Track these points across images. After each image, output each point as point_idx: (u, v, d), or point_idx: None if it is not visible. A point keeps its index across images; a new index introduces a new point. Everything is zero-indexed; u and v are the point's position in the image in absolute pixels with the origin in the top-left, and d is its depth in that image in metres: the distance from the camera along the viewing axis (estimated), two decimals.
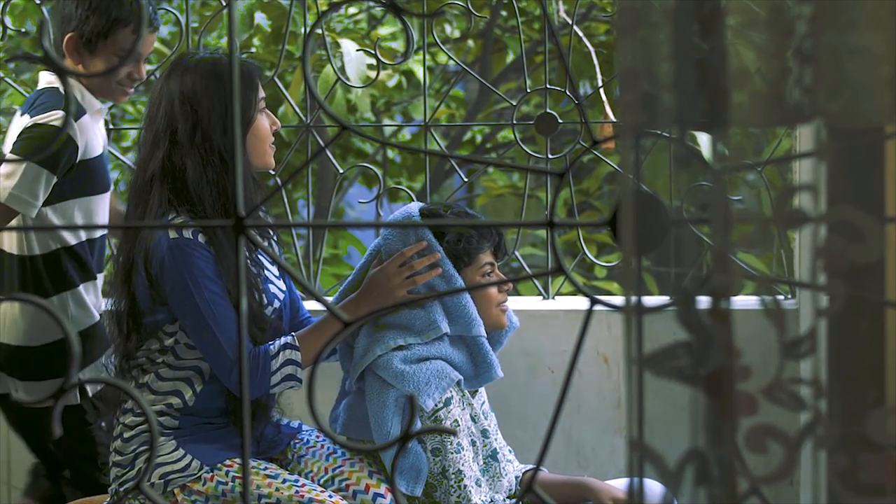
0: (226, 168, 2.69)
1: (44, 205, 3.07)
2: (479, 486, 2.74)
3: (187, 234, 2.65)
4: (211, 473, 2.69)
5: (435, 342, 2.77)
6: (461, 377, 2.76)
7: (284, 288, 2.88)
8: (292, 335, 2.72)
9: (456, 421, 2.73)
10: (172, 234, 2.65)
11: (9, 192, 3.00)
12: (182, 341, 2.72)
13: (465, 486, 2.70)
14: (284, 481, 2.68)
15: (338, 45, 4.78)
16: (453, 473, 2.71)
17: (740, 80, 1.03)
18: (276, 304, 2.80)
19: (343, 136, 1.07)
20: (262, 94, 2.81)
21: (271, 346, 2.68)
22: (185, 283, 2.63)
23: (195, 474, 2.69)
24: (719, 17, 1.04)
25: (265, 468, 2.72)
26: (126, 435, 2.76)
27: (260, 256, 2.83)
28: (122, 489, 2.74)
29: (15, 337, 3.19)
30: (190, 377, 2.74)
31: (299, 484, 2.67)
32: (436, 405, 2.70)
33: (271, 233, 2.95)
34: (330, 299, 3.23)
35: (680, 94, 1.03)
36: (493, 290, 2.85)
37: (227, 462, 2.71)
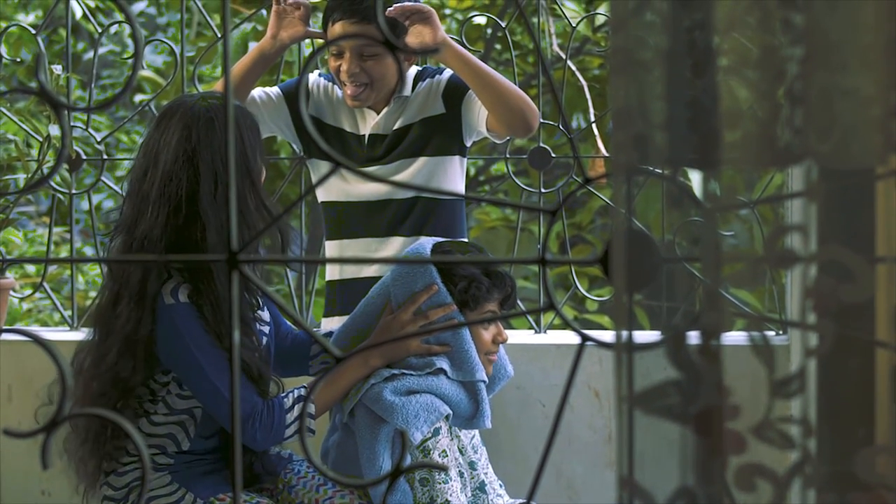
0: (246, 215, 2.66)
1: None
2: None
3: (183, 298, 2.62)
4: None
5: (429, 376, 2.76)
6: (450, 412, 2.75)
7: (269, 319, 2.86)
8: (304, 386, 2.71)
9: (444, 451, 2.72)
10: (168, 301, 2.62)
11: None
12: (174, 392, 2.70)
13: None
14: None
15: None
16: None
17: (732, 120, 1.04)
18: (264, 341, 2.80)
19: None
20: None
21: (285, 399, 2.67)
22: (188, 347, 2.61)
23: None
24: (712, 57, 1.05)
25: (256, 502, 2.71)
26: (120, 470, 2.75)
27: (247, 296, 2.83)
28: None
29: None
30: (184, 421, 2.72)
31: None
32: (424, 436, 2.70)
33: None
34: (322, 330, 3.21)
35: (672, 134, 1.04)
36: (487, 338, 2.83)
37: (220, 496, 2.70)
